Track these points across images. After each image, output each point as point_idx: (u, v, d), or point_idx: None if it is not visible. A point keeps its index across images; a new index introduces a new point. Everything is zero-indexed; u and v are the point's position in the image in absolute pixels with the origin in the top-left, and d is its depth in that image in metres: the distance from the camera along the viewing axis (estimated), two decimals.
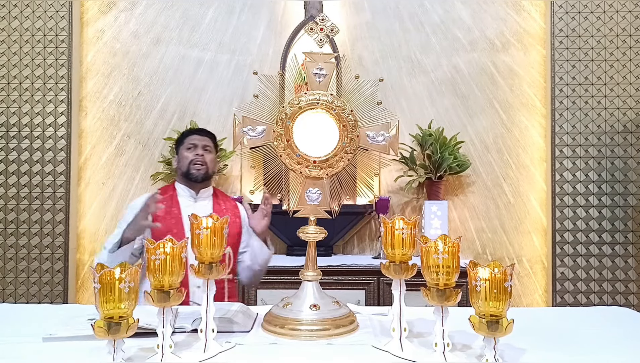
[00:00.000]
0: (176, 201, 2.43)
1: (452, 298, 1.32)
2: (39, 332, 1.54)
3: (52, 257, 3.57)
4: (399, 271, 1.46)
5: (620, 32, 3.59)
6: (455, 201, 3.77)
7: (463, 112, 3.79)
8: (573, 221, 3.58)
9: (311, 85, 1.69)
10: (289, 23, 3.79)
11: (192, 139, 2.49)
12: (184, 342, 1.47)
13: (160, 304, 1.31)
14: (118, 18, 3.82)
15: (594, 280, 3.55)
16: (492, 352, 1.27)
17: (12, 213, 3.58)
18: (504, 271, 1.25)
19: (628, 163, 3.56)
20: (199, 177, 2.42)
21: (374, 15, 3.84)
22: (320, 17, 1.73)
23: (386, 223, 1.49)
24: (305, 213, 1.67)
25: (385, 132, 1.70)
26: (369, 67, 3.79)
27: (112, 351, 1.23)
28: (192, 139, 2.49)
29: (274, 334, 1.55)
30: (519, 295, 3.71)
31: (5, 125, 3.60)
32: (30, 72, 3.62)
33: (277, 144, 1.66)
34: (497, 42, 3.80)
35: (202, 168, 2.42)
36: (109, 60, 3.81)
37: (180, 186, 2.48)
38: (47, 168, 3.61)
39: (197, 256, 1.43)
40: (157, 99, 3.80)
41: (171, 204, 2.40)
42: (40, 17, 3.64)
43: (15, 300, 3.55)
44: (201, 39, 3.83)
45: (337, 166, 1.67)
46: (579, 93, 3.61)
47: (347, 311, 1.64)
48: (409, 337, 1.45)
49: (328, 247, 3.59)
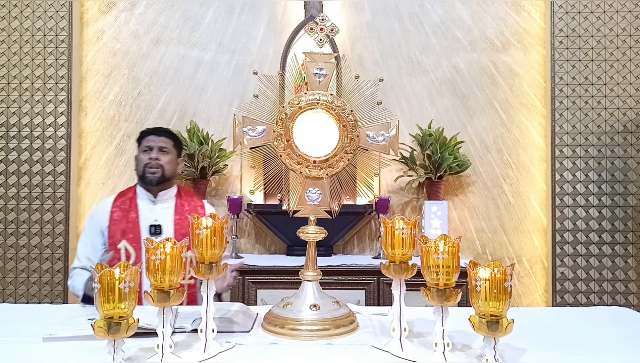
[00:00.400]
0: (135, 204, 2.38)
1: (452, 298, 1.32)
2: (39, 332, 1.55)
3: (52, 257, 3.57)
4: (399, 271, 1.46)
5: (620, 32, 3.59)
6: (455, 201, 3.77)
7: (463, 112, 3.79)
8: (573, 221, 3.58)
9: (311, 85, 1.69)
10: (289, 23, 3.79)
11: (148, 141, 2.42)
12: (184, 342, 1.47)
13: (160, 304, 1.31)
14: (118, 18, 3.82)
15: (594, 280, 3.55)
16: (492, 352, 1.27)
17: (12, 213, 3.58)
18: (504, 271, 1.25)
19: (628, 163, 3.56)
20: (154, 181, 2.36)
21: (374, 15, 3.84)
22: (320, 17, 1.73)
23: (386, 223, 1.49)
24: (305, 213, 1.67)
25: (385, 132, 1.70)
26: (369, 67, 3.79)
27: (112, 351, 1.23)
28: (148, 141, 2.42)
29: (274, 334, 1.55)
30: (519, 295, 3.71)
31: (5, 125, 3.60)
32: (30, 72, 3.62)
33: (277, 144, 1.66)
34: (497, 42, 3.80)
35: (157, 171, 2.36)
36: (109, 60, 3.81)
37: (139, 188, 2.43)
38: (47, 168, 3.61)
39: (197, 256, 1.43)
40: (157, 99, 3.80)
41: (129, 207, 2.36)
42: (40, 17, 3.64)
43: (15, 300, 3.55)
44: (201, 39, 3.83)
45: (337, 166, 1.67)
46: (579, 93, 3.61)
47: (347, 311, 1.64)
48: (409, 337, 1.45)
49: (328, 247, 3.59)
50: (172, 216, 2.39)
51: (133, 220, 2.33)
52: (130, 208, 2.36)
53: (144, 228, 2.34)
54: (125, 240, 2.30)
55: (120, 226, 2.32)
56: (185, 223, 2.35)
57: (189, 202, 2.45)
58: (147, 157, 2.38)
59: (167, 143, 2.44)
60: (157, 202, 2.41)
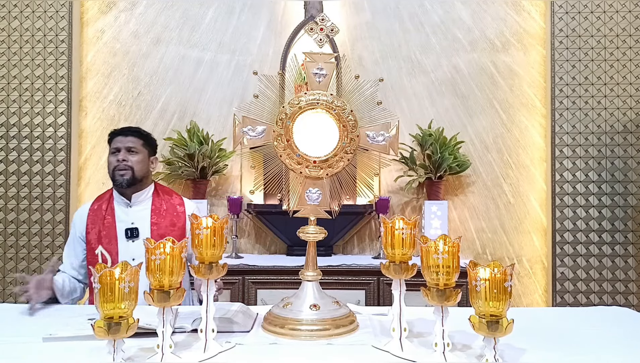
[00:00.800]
0: (111, 208, 2.33)
1: (452, 298, 1.32)
2: (39, 331, 1.55)
3: (52, 257, 3.57)
4: (399, 271, 1.46)
5: (620, 32, 3.59)
6: (455, 201, 3.77)
7: (463, 112, 3.79)
8: (573, 221, 3.58)
9: (311, 85, 1.69)
10: (289, 23, 3.79)
11: (115, 143, 2.36)
12: (184, 342, 1.47)
13: (160, 304, 1.31)
14: (118, 18, 3.82)
15: (594, 280, 3.55)
16: (492, 352, 1.27)
17: (12, 213, 3.58)
18: (504, 271, 1.25)
19: (628, 163, 3.56)
20: (124, 183, 2.29)
21: (374, 15, 3.84)
22: (320, 17, 1.73)
23: (386, 223, 1.49)
24: (305, 213, 1.67)
25: (385, 132, 1.70)
26: (369, 67, 3.79)
27: (112, 351, 1.23)
28: (115, 142, 2.36)
29: (274, 334, 1.55)
30: (519, 295, 3.71)
31: (5, 125, 3.60)
32: (30, 72, 3.62)
33: (277, 144, 1.66)
34: (497, 42, 3.80)
35: (126, 173, 2.29)
36: (109, 60, 3.81)
37: (115, 192, 2.37)
38: (47, 168, 3.61)
39: (197, 256, 1.43)
40: (157, 99, 3.80)
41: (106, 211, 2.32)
42: (40, 17, 3.64)
43: (15, 300, 3.55)
44: (201, 39, 3.83)
45: (337, 166, 1.67)
46: (579, 93, 3.61)
47: (347, 311, 1.64)
48: (409, 337, 1.45)
49: (328, 247, 3.59)
50: (149, 219, 2.33)
51: (109, 224, 2.28)
52: (107, 212, 2.31)
53: (120, 231, 2.29)
54: (102, 245, 2.26)
55: (96, 231, 2.28)
56: (163, 224, 2.31)
57: (167, 201, 2.38)
58: (115, 159, 2.33)
59: (136, 143, 2.36)
60: (132, 205, 2.35)
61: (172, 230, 2.31)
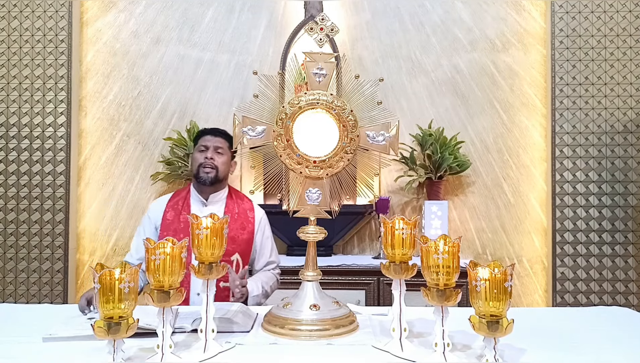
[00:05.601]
0: (187, 205, 2.38)
1: (452, 298, 1.32)
2: (39, 332, 1.55)
3: (52, 257, 3.57)
4: (399, 271, 1.46)
5: (621, 32, 3.59)
6: (455, 201, 3.77)
7: (463, 112, 3.79)
8: (573, 221, 3.58)
9: (311, 85, 1.69)
10: (289, 23, 3.79)
11: (204, 141, 2.41)
12: (184, 342, 1.47)
13: (160, 304, 1.31)
14: (118, 18, 3.82)
15: (594, 280, 3.55)
16: (492, 352, 1.27)
17: (12, 213, 3.58)
18: (504, 271, 1.25)
19: (628, 163, 3.56)
20: (207, 181, 2.34)
21: (374, 15, 3.84)
22: (320, 17, 1.73)
23: (386, 223, 1.49)
24: (305, 213, 1.67)
25: (385, 132, 1.70)
26: (369, 67, 3.79)
27: (112, 351, 1.23)
28: (205, 141, 2.41)
29: (274, 334, 1.55)
30: (519, 295, 3.70)
31: (5, 125, 3.60)
32: (30, 72, 3.62)
33: (277, 144, 1.66)
34: (498, 42, 3.80)
35: (212, 172, 2.34)
36: (108, 60, 3.81)
37: (193, 189, 2.42)
38: (47, 168, 3.60)
39: (197, 256, 1.43)
40: (157, 99, 3.80)
41: (182, 207, 2.35)
42: (40, 17, 3.64)
43: (15, 300, 3.55)
44: (201, 39, 3.83)
45: (337, 166, 1.67)
46: (579, 93, 3.61)
47: (347, 311, 1.64)
48: (409, 337, 1.45)
49: (328, 247, 3.59)
50: None
51: (185, 221, 2.31)
52: (183, 208, 2.35)
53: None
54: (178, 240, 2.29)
55: (172, 226, 2.31)
56: (233, 226, 2.33)
57: (239, 205, 2.42)
58: (203, 156, 2.36)
59: (223, 144, 2.41)
60: (208, 204, 2.38)
61: (242, 233, 2.35)
